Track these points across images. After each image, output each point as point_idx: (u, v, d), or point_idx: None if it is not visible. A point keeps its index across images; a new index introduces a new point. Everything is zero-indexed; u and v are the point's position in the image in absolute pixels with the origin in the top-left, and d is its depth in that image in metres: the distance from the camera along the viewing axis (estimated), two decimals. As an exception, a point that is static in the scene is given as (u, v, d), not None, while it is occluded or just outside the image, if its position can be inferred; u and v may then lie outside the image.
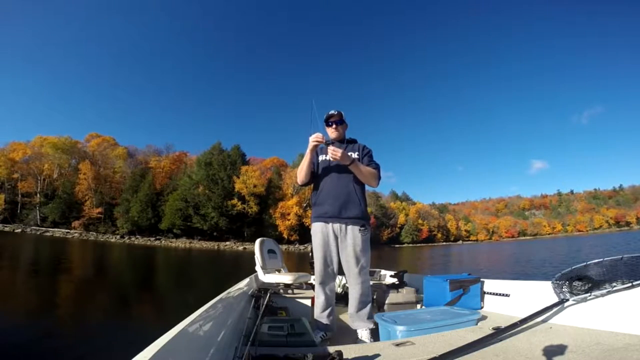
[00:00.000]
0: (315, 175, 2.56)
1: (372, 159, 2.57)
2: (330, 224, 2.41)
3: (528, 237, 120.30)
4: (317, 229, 2.46)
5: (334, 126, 2.57)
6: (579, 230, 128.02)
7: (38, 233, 43.30)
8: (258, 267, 3.41)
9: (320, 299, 2.43)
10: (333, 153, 2.25)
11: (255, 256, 3.42)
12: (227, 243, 49.26)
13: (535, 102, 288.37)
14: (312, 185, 2.61)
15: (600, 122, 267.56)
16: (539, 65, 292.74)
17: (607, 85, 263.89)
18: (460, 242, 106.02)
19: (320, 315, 2.41)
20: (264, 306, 2.17)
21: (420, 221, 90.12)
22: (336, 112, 2.58)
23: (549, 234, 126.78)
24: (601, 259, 1.83)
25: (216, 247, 45.93)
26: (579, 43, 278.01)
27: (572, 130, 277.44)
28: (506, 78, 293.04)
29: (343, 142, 2.61)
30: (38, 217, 49.19)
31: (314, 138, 2.30)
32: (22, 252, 19.15)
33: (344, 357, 1.40)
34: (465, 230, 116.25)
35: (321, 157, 2.56)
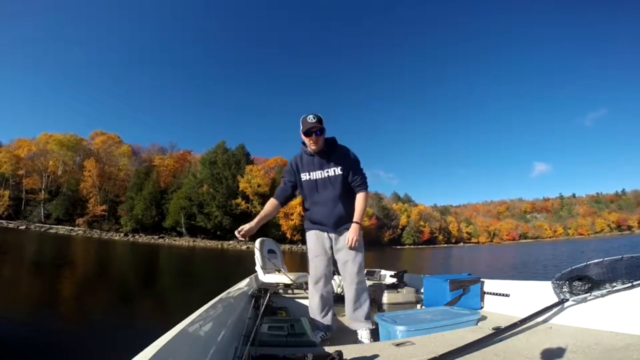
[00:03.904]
0: (301, 192, 2.50)
1: (356, 172, 2.39)
2: (325, 232, 2.45)
3: (529, 240, 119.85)
4: (312, 232, 2.50)
5: (314, 137, 2.26)
6: (580, 234, 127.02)
7: (42, 230, 43.50)
8: (258, 267, 3.42)
9: (314, 300, 2.42)
10: (351, 244, 2.29)
11: (255, 256, 3.43)
12: (231, 242, 49.27)
13: (538, 104, 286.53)
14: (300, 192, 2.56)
15: (603, 126, 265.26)
16: (543, 67, 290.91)
17: (611, 88, 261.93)
18: (461, 244, 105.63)
19: (316, 316, 2.40)
20: (263, 306, 2.18)
21: (421, 223, 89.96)
22: (315, 119, 2.24)
23: (550, 237, 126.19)
24: (601, 259, 1.82)
25: (220, 245, 46.03)
26: (583, 45, 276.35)
27: (576, 133, 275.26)
28: (509, 80, 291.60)
29: (322, 151, 2.35)
30: (42, 213, 49.47)
31: (238, 235, 2.19)
32: (26, 248, 19.29)
33: (344, 357, 1.40)
34: (467, 233, 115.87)
35: (304, 177, 2.41)
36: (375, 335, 2.24)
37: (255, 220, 2.26)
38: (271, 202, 2.44)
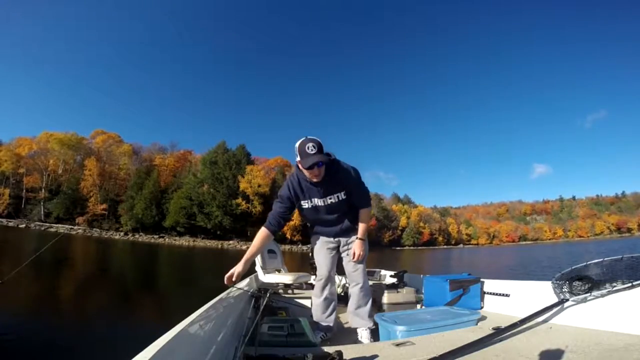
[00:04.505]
0: (300, 213, 2.40)
1: (359, 192, 2.32)
2: (331, 237, 2.51)
3: (529, 242, 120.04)
4: (317, 235, 2.55)
5: (316, 170, 2.05)
6: (580, 236, 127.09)
7: (42, 228, 43.38)
8: (258, 267, 3.44)
9: (319, 301, 2.44)
10: (357, 260, 2.34)
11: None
12: (231, 242, 49.42)
13: (538, 105, 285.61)
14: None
15: (603, 127, 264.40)
16: (542, 68, 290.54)
17: (611, 90, 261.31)
18: (461, 245, 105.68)
19: (320, 317, 2.42)
20: (263, 306, 2.19)
21: (421, 224, 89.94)
22: (315, 149, 1.99)
23: (549, 239, 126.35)
24: (601, 259, 1.83)
25: (220, 245, 46.08)
26: (583, 47, 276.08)
27: (575, 135, 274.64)
28: (510, 82, 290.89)
29: (324, 179, 2.15)
30: (42, 212, 49.48)
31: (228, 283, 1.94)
32: (25, 247, 19.26)
33: (344, 357, 1.41)
34: (467, 234, 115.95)
35: (305, 204, 2.28)
36: (375, 335, 2.24)
37: (244, 260, 1.99)
38: (263, 235, 2.17)
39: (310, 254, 4.02)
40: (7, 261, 12.38)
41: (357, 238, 2.37)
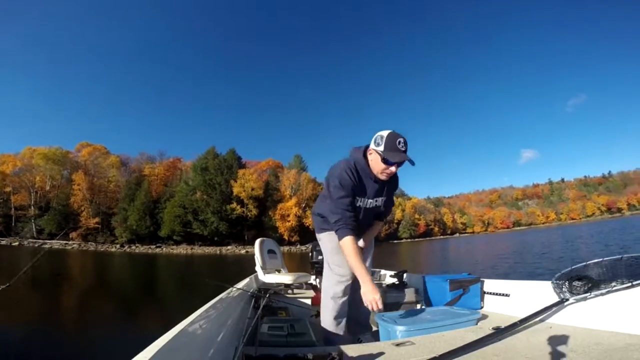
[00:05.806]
0: None
1: (392, 201, 2.31)
2: None
3: (523, 227, 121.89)
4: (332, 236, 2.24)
5: (395, 168, 1.94)
6: (572, 219, 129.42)
7: (36, 245, 42.60)
8: (258, 267, 3.45)
9: (341, 301, 2.22)
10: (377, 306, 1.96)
11: (255, 256, 3.45)
12: (229, 247, 49.33)
13: (521, 92, 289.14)
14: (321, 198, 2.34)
15: (585, 110, 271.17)
16: (524, 54, 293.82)
17: (589, 74, 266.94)
18: (457, 234, 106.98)
19: (337, 320, 2.21)
20: (263, 306, 2.18)
21: (417, 216, 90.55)
22: (405, 147, 1.89)
23: (543, 224, 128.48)
24: (601, 259, 1.83)
25: (218, 251, 45.97)
26: (562, 31, 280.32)
27: (559, 118, 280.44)
28: (492, 69, 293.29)
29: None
30: (34, 229, 48.60)
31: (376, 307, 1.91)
32: (21, 264, 18.97)
33: (344, 357, 1.41)
34: (462, 223, 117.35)
35: (359, 202, 2.08)
36: (375, 335, 2.22)
37: (368, 277, 1.96)
38: (355, 241, 1.98)
39: (310, 254, 4.01)
40: (2, 276, 12.18)
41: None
